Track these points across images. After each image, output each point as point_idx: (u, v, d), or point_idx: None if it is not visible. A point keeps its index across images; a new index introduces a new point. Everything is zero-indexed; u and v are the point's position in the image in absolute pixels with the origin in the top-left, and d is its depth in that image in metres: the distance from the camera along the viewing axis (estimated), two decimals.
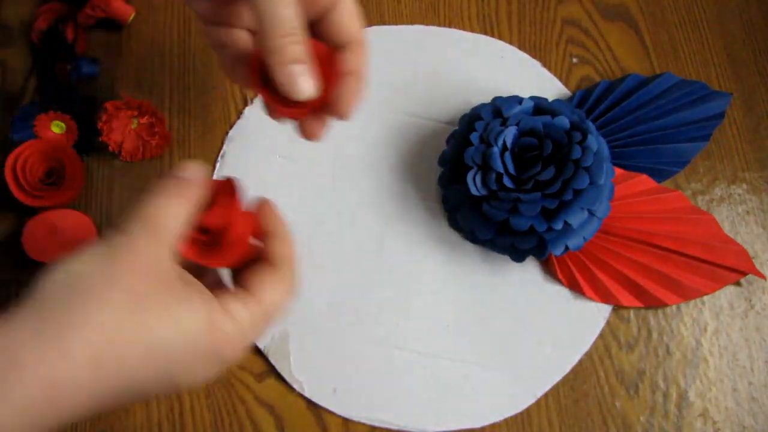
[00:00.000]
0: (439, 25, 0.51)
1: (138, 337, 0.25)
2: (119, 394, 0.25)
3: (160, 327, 0.25)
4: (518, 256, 0.43)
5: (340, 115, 0.33)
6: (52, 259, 0.41)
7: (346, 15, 0.32)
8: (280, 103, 0.30)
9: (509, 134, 0.41)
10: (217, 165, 0.47)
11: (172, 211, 0.27)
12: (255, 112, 0.48)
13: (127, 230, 0.26)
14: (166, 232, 0.27)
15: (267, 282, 0.29)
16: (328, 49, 0.31)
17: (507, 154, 0.41)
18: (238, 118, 0.48)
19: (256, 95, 0.49)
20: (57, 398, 0.23)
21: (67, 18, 0.49)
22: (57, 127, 0.45)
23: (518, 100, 0.43)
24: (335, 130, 0.47)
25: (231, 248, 0.29)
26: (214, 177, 0.47)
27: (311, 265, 0.44)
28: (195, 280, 0.28)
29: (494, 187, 0.41)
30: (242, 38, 0.34)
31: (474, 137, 0.42)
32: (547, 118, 0.41)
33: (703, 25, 0.51)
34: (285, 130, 0.48)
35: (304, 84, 0.29)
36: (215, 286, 0.29)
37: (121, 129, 0.46)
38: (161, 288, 0.26)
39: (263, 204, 0.32)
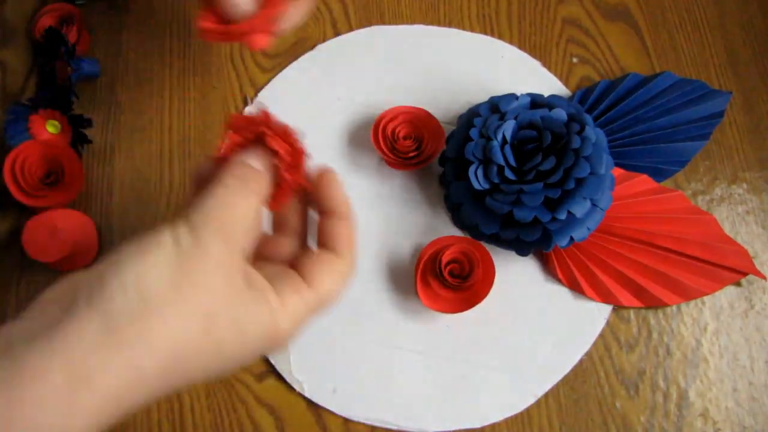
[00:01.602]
0: (439, 25, 0.51)
1: (206, 354, 0.25)
2: (176, 388, 0.26)
3: (227, 340, 0.25)
4: (523, 250, 0.43)
5: (277, 32, 0.36)
6: (52, 259, 0.41)
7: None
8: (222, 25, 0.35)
9: (508, 128, 0.41)
10: None
11: (242, 211, 0.27)
12: (255, 112, 0.48)
13: (198, 234, 0.25)
14: (238, 236, 0.26)
15: (326, 272, 0.28)
16: None
17: (507, 147, 0.41)
18: None
19: (256, 96, 0.49)
20: (121, 403, 0.23)
21: (71, 18, 0.49)
22: (52, 127, 0.45)
23: (515, 96, 0.43)
24: (335, 130, 0.48)
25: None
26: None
27: None
28: (262, 281, 0.27)
29: (496, 180, 0.41)
30: None
31: (473, 132, 0.42)
32: (545, 111, 0.42)
33: (703, 25, 0.51)
34: None
35: (242, 3, 0.34)
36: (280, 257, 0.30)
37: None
38: (231, 301, 0.26)
39: (326, 174, 0.30)
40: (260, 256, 0.30)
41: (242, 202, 0.27)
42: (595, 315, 0.44)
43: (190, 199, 0.28)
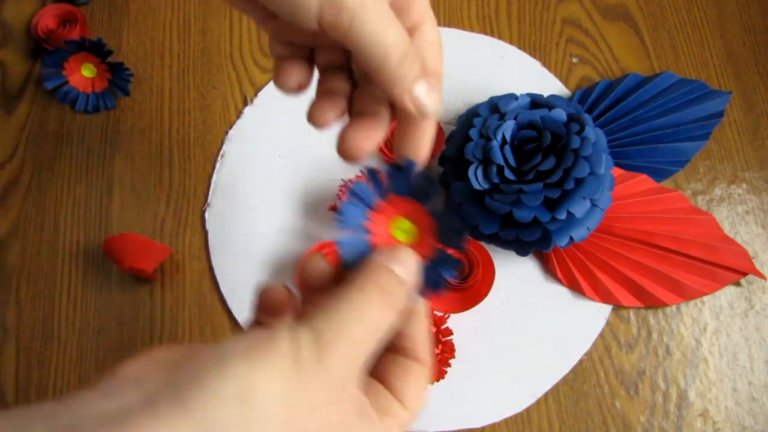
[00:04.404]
0: (439, 25, 0.51)
1: None
2: None
3: None
4: (523, 250, 0.43)
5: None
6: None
7: (429, 44, 0.28)
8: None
9: (508, 128, 0.41)
10: (217, 165, 0.47)
11: (376, 327, 0.23)
12: (255, 112, 0.48)
13: (322, 347, 0.21)
14: (363, 357, 0.22)
15: (415, 386, 0.25)
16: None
17: (507, 147, 0.41)
18: (238, 117, 0.48)
19: (256, 96, 0.49)
20: None
21: (71, 18, 0.49)
22: (88, 71, 0.47)
23: (514, 96, 0.43)
24: (335, 130, 0.48)
25: None
26: (214, 176, 0.47)
27: None
28: (371, 409, 0.23)
29: (496, 180, 0.41)
30: None
31: (473, 133, 0.42)
32: (545, 111, 0.42)
33: (703, 26, 0.51)
34: (285, 130, 0.48)
35: (433, 101, 0.27)
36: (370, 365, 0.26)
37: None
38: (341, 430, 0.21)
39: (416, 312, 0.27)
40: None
41: (379, 318, 0.23)
42: (594, 315, 0.44)
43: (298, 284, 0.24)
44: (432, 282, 0.25)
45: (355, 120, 0.28)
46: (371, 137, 0.28)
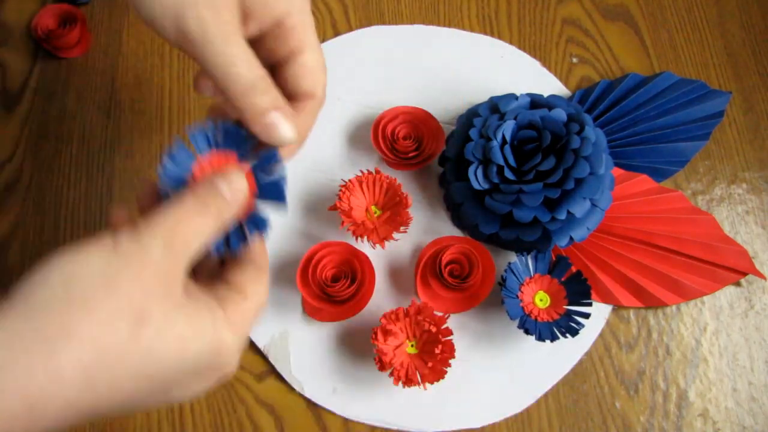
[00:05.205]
0: (439, 25, 0.51)
1: (135, 357, 0.23)
2: (109, 409, 0.23)
3: (161, 347, 0.23)
4: (523, 250, 0.43)
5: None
6: None
7: (307, 69, 0.30)
8: None
9: (508, 128, 0.41)
10: None
11: (196, 228, 0.25)
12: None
13: (141, 238, 0.24)
14: (185, 251, 0.25)
15: (255, 281, 0.28)
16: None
17: (507, 147, 0.41)
18: None
19: None
20: (41, 415, 0.21)
21: (71, 18, 0.49)
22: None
23: (514, 96, 0.43)
24: (335, 130, 0.48)
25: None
26: None
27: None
28: (204, 295, 0.26)
29: (496, 180, 0.41)
30: None
31: (473, 132, 0.42)
32: (545, 111, 0.42)
33: (703, 25, 0.51)
34: None
35: (285, 130, 0.29)
36: (210, 276, 0.28)
37: (397, 349, 0.40)
38: (168, 303, 0.24)
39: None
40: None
41: (198, 220, 0.25)
42: (594, 315, 0.44)
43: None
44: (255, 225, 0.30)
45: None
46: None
